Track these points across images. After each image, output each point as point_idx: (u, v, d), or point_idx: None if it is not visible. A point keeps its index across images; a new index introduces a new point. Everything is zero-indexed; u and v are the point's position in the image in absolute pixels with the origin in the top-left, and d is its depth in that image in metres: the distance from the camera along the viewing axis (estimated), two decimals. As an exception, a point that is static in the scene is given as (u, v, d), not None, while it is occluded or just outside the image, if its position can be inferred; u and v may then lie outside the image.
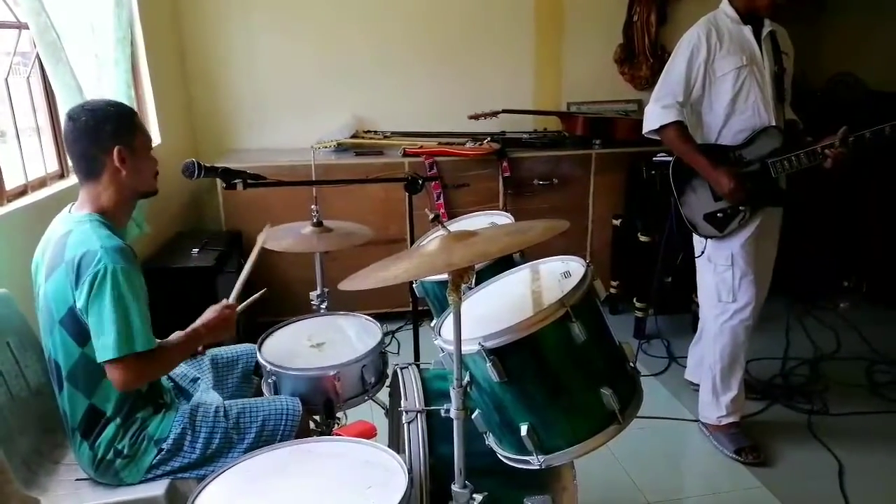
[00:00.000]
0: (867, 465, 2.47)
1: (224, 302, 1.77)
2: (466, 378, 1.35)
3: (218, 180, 1.88)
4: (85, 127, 1.56)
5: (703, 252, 2.55)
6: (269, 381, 1.86)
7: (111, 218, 1.61)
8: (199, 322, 1.71)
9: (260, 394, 1.95)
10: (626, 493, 2.35)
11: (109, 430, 1.59)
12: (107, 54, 2.56)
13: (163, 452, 1.62)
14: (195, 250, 2.90)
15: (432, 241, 1.31)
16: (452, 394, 1.35)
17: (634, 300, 3.49)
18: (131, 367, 1.50)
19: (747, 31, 2.39)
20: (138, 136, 1.63)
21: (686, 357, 3.05)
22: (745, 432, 2.58)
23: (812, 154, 2.34)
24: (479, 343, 1.33)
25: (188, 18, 3.58)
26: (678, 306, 3.59)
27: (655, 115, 2.44)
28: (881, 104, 4.08)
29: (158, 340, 1.61)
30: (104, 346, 1.48)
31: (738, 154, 2.41)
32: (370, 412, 2.52)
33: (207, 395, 1.79)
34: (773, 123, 2.39)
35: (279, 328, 2.09)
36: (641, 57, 3.91)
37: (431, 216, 1.38)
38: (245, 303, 1.92)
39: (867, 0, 4.17)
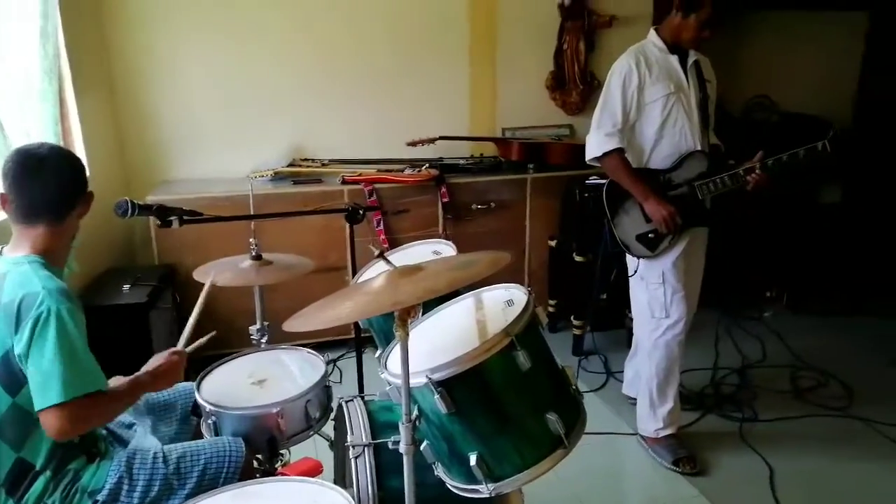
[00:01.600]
0: (796, 468, 2.60)
1: (172, 349, 1.73)
2: (415, 412, 1.36)
3: (151, 218, 1.83)
4: (59, 169, 1.56)
5: (636, 271, 2.65)
6: (209, 421, 1.81)
7: (52, 259, 1.56)
8: (144, 369, 1.66)
9: (199, 435, 1.90)
10: (573, 511, 2.40)
11: (38, 484, 1.51)
12: (31, 88, 2.47)
13: (98, 504, 1.56)
14: (126, 286, 2.80)
15: (378, 277, 1.32)
16: (402, 429, 1.35)
17: (572, 318, 3.57)
18: (74, 413, 1.42)
19: (674, 60, 2.51)
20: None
21: (623, 371, 3.15)
22: (682, 443, 2.67)
23: (735, 177, 2.48)
24: (427, 376, 1.35)
25: (115, 48, 3.48)
26: (613, 322, 3.71)
27: (598, 143, 2.52)
28: (796, 125, 4.35)
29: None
30: (46, 390, 1.41)
31: (667, 177, 2.53)
32: (314, 446, 2.49)
33: (145, 441, 1.73)
34: (699, 148, 2.52)
35: (218, 366, 2.04)
36: (572, 83, 4.04)
37: (376, 252, 1.39)
38: (193, 345, 1.88)
39: (781, 23, 4.44)
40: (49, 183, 1.54)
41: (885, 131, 4.27)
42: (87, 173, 1.66)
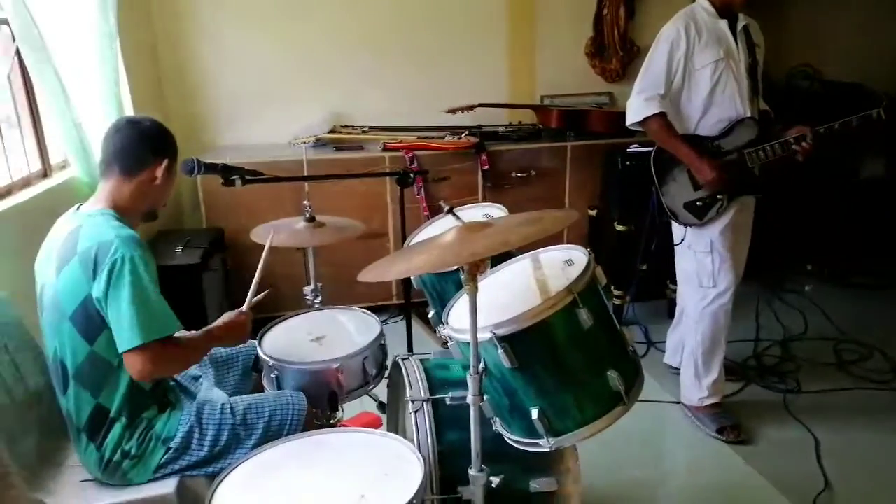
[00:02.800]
0: (841, 440, 2.59)
1: (239, 309, 1.80)
2: (482, 364, 1.38)
3: (214, 176, 1.87)
4: (147, 130, 1.66)
5: (682, 240, 2.63)
6: (272, 375, 1.86)
7: (123, 213, 1.63)
8: (217, 323, 1.73)
9: (258, 389, 1.96)
10: (620, 473, 2.42)
11: (116, 430, 1.58)
12: (90, 51, 2.50)
13: (171, 451, 1.62)
14: (179, 248, 2.87)
15: (448, 232, 1.34)
16: (469, 380, 1.38)
17: (612, 288, 3.57)
18: (153, 355, 1.50)
19: (723, 24, 2.47)
20: (177, 163, 1.73)
21: (664, 342, 3.15)
22: (726, 412, 2.68)
23: (785, 144, 2.44)
24: (491, 331, 1.37)
25: (159, 14, 3.52)
26: (654, 293, 3.70)
27: (639, 108, 2.50)
28: (837, 95, 4.26)
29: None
30: (127, 333, 1.48)
31: (717, 144, 2.50)
32: (361, 406, 2.54)
33: (212, 393, 1.79)
34: (749, 114, 2.48)
35: (276, 324, 2.09)
36: (611, 50, 3.99)
37: (446, 208, 1.40)
38: (253, 300, 1.93)
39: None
40: (126, 138, 1.63)
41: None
42: (174, 146, 1.73)
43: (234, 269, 3.23)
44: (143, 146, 1.65)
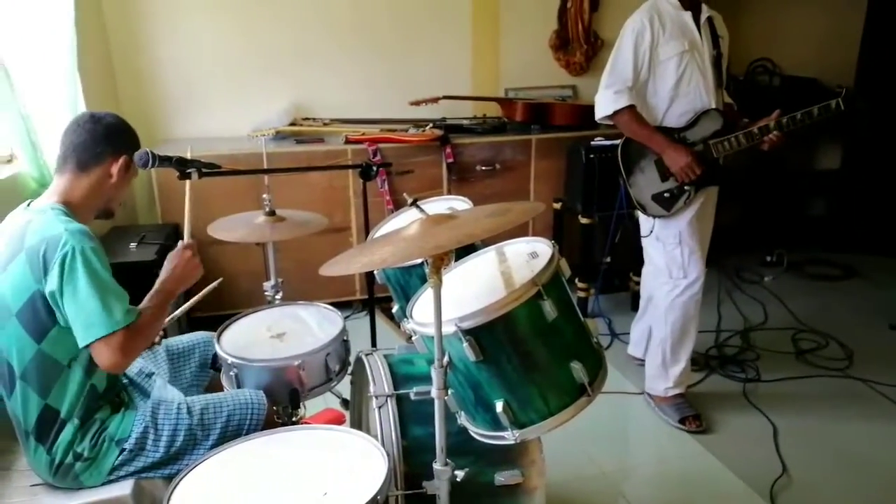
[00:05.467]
0: (798, 426, 2.65)
1: (180, 244, 1.71)
2: (447, 358, 1.37)
3: (170, 170, 1.81)
4: (107, 126, 1.62)
5: (651, 231, 2.65)
6: (231, 374, 1.81)
7: (73, 209, 1.57)
8: (163, 275, 1.65)
9: (217, 388, 1.91)
10: (584, 465, 2.43)
11: (67, 432, 1.52)
12: (38, 39, 2.40)
13: (125, 453, 1.56)
14: (133, 245, 2.78)
15: (411, 225, 1.31)
16: (434, 373, 1.36)
17: (576, 281, 3.59)
18: (121, 343, 1.45)
19: (687, 16, 2.48)
20: (135, 161, 1.68)
21: (628, 333, 3.18)
22: (689, 402, 2.71)
23: (749, 135, 2.47)
24: (456, 324, 1.35)
25: (111, 4, 3.41)
26: (618, 285, 3.73)
27: (608, 101, 2.50)
28: (796, 88, 4.35)
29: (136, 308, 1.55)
30: (88, 326, 1.43)
31: (682, 136, 2.52)
32: (324, 403, 2.51)
33: (167, 392, 1.73)
34: (714, 106, 2.50)
35: (236, 320, 2.04)
36: (576, 43, 4.00)
37: (410, 200, 1.38)
38: (200, 294, 1.88)
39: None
40: (84, 132, 1.59)
41: (887, 95, 4.26)
42: (134, 144, 1.69)
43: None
44: (101, 142, 1.60)
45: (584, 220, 3.49)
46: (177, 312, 1.94)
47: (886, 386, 2.90)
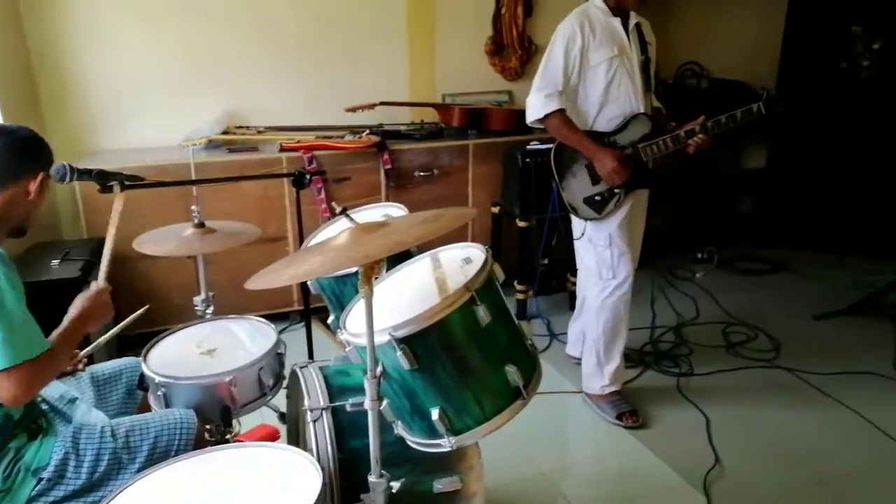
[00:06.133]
0: (730, 416, 2.74)
1: (94, 285, 1.66)
2: (380, 368, 1.35)
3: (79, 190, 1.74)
4: (21, 140, 1.55)
5: (583, 234, 2.70)
6: (159, 393, 1.75)
7: None
8: (73, 312, 1.58)
9: (144, 409, 1.84)
10: (523, 467, 2.45)
11: (-23, 463, 1.44)
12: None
13: (43, 482, 1.48)
14: (55, 262, 2.66)
15: (341, 234, 1.30)
16: (367, 384, 1.34)
17: (515, 283, 3.63)
18: (24, 376, 1.38)
19: (616, 23, 2.54)
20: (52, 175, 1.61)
21: (566, 333, 3.22)
22: (625, 398, 2.77)
23: (676, 139, 2.54)
24: (389, 333, 1.34)
25: (28, 4, 3.25)
26: (556, 286, 3.79)
27: (539, 105, 2.53)
28: (724, 91, 4.51)
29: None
30: None
31: (612, 140, 2.57)
32: (262, 419, 2.46)
33: (90, 416, 1.65)
34: (642, 110, 2.57)
35: (164, 337, 1.97)
36: (510, 49, 4.05)
37: (338, 210, 1.36)
38: (125, 321, 1.82)
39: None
40: (7, 148, 1.52)
41: (806, 96, 4.47)
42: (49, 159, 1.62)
43: (118, 282, 3.03)
44: (16, 158, 1.52)
45: (521, 224, 3.52)
46: (100, 340, 1.87)
47: (811, 374, 3.03)
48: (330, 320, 1.96)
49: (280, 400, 2.00)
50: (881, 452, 2.52)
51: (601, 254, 2.65)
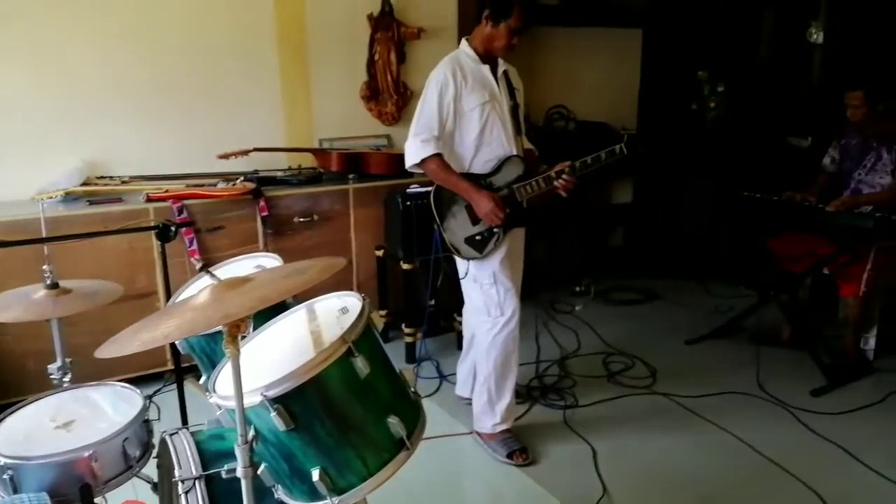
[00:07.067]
0: (614, 445, 2.82)
1: None
2: (252, 432, 1.28)
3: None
4: None
5: (467, 273, 2.73)
6: (6, 477, 1.56)
7: None
8: None
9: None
10: (417, 517, 2.40)
11: None
12: None
13: None
14: None
15: (202, 291, 1.22)
16: (238, 451, 1.27)
17: (403, 326, 3.60)
18: None
19: (486, 69, 2.64)
20: None
21: (455, 374, 3.23)
22: (515, 436, 2.79)
23: (548, 179, 2.65)
24: (262, 393, 1.28)
25: None
26: (444, 327, 3.80)
27: (416, 150, 2.57)
28: (590, 132, 4.79)
29: None
30: None
31: (489, 181, 2.65)
32: (133, 492, 2.26)
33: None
34: (514, 152, 2.66)
35: (11, 413, 1.77)
36: (386, 94, 4.09)
37: (199, 266, 1.29)
38: None
39: (570, 39, 4.86)
40: None
41: (663, 136, 4.83)
42: None
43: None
44: None
45: (406, 266, 3.52)
46: None
47: (685, 398, 3.20)
48: (201, 381, 1.84)
49: (153, 469, 1.85)
50: (753, 468, 2.68)
51: (487, 292, 2.69)
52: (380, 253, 3.70)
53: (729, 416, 3.03)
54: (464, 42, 2.67)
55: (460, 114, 2.60)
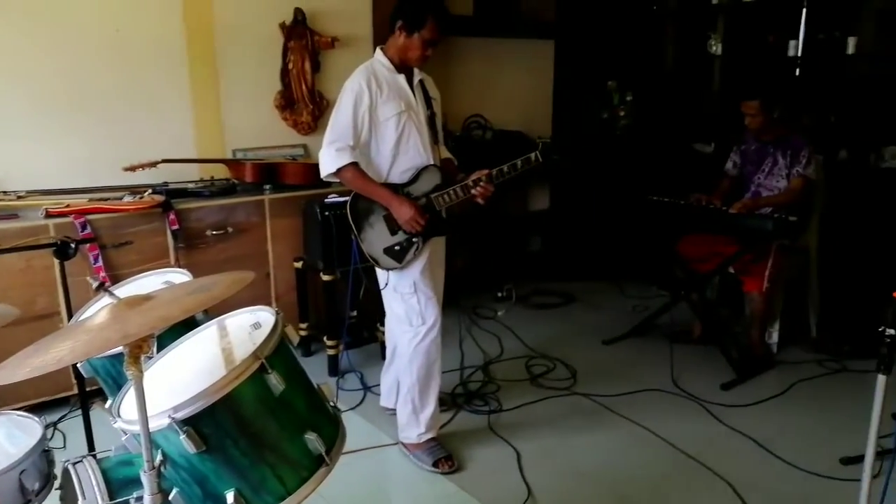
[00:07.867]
0: (538, 447, 2.86)
1: None
2: (159, 457, 1.22)
3: None
4: None
5: (387, 283, 2.71)
6: None
7: None
8: None
9: None
10: (343, 533, 2.35)
11: None
12: None
13: None
14: None
15: (100, 311, 1.16)
16: (144, 478, 1.20)
17: (325, 338, 3.54)
18: None
19: (401, 79, 2.62)
20: None
21: (379, 385, 3.19)
22: (441, 444, 2.78)
23: (465, 188, 2.67)
24: (169, 416, 1.22)
25: None
26: (366, 338, 3.76)
27: (331, 159, 2.53)
28: (506, 141, 4.87)
29: None
30: None
31: (407, 191, 2.63)
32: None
33: None
34: (432, 162, 2.67)
35: None
36: (301, 103, 4.02)
37: (95, 285, 1.22)
38: None
39: (486, 49, 4.93)
40: None
41: (576, 144, 4.97)
42: None
43: None
44: None
45: (326, 277, 3.47)
46: None
47: (605, 397, 3.28)
48: (108, 405, 1.74)
49: (56, 502, 1.73)
50: (672, 463, 2.77)
51: (408, 301, 2.68)
52: (299, 265, 3.63)
53: (646, 412, 3.13)
54: (378, 51, 2.65)
55: (376, 123, 2.58)
